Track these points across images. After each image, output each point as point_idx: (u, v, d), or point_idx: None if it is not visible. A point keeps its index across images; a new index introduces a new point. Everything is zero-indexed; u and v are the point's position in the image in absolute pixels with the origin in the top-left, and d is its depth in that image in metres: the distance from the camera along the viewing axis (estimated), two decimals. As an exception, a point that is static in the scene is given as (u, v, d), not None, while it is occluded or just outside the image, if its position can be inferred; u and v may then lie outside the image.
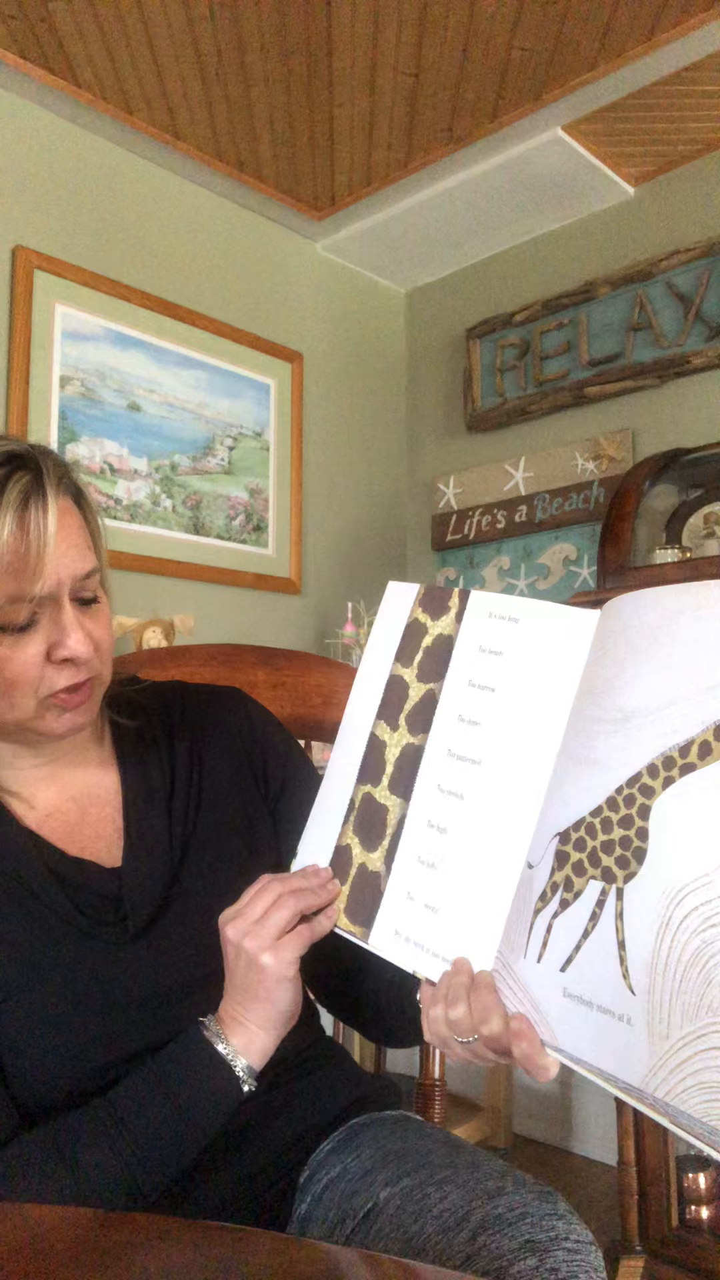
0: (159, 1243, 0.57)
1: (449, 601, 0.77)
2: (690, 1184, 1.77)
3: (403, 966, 0.71)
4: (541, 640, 0.70)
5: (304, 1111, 0.87)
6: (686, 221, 2.55)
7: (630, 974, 0.57)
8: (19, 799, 0.84)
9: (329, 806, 0.82)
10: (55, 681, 0.77)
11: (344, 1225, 0.78)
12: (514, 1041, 0.62)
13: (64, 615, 0.76)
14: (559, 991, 0.61)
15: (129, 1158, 0.71)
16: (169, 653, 1.13)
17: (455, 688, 0.74)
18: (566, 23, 2.05)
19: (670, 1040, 0.54)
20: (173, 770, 0.89)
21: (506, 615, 0.72)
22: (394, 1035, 0.90)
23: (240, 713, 0.95)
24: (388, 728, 0.79)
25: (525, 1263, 0.67)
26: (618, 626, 0.65)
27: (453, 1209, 0.73)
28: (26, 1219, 0.62)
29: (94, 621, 0.80)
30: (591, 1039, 0.58)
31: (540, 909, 0.63)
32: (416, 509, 3.12)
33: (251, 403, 2.73)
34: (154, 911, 0.81)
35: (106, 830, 0.85)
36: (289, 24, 2.07)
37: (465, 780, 0.71)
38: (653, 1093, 0.54)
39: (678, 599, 0.62)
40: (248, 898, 0.75)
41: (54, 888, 0.79)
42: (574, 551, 2.71)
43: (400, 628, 0.81)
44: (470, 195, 2.67)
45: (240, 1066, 0.74)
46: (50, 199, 2.35)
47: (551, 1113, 2.55)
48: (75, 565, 0.77)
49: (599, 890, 0.60)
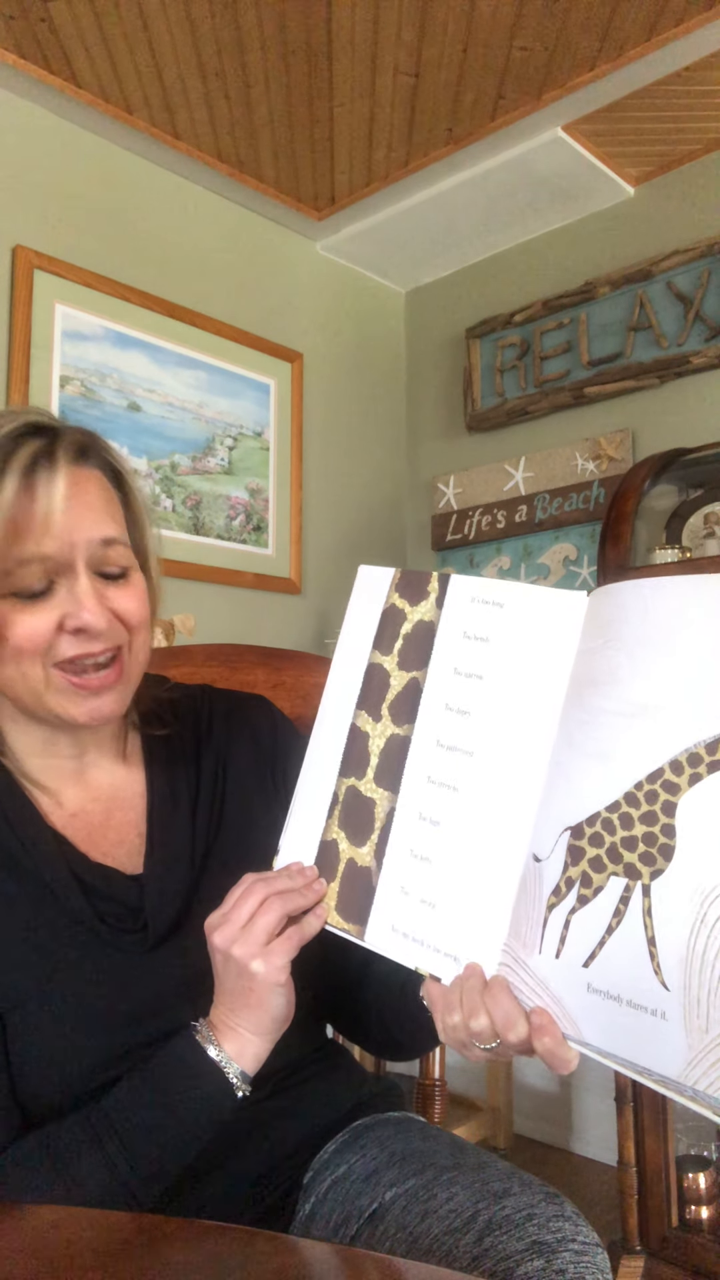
0: (160, 1243, 0.57)
1: (428, 586, 0.75)
2: (690, 1184, 1.77)
3: (404, 964, 0.70)
4: (530, 625, 0.68)
5: (308, 1114, 0.86)
6: (686, 221, 2.55)
7: (663, 970, 0.57)
8: (48, 794, 0.83)
9: (310, 800, 0.79)
10: (65, 650, 0.75)
11: (349, 1226, 0.77)
12: (536, 1037, 0.61)
13: (79, 584, 0.74)
14: (583, 987, 0.61)
15: (120, 1163, 0.70)
16: (169, 653, 1.13)
17: (440, 676, 0.72)
18: (566, 23, 2.05)
19: (710, 1034, 0.55)
20: (198, 779, 0.88)
21: (491, 600, 0.71)
22: (400, 1045, 0.89)
23: (267, 723, 0.94)
24: (369, 718, 0.77)
25: (532, 1264, 0.66)
26: (618, 615, 0.64)
27: (459, 1210, 0.72)
28: (27, 1219, 0.61)
29: (121, 594, 0.78)
30: (622, 1033, 0.58)
31: (555, 904, 0.63)
32: (416, 509, 3.11)
33: (251, 403, 2.72)
34: (174, 921, 0.80)
35: (129, 836, 0.84)
36: (289, 24, 2.07)
37: (458, 771, 0.70)
38: (692, 1085, 0.55)
39: (692, 592, 0.61)
40: (232, 901, 0.73)
41: (77, 894, 0.77)
42: (574, 551, 2.71)
43: (377, 614, 0.78)
44: (470, 195, 2.67)
45: (233, 1072, 0.73)
46: (50, 199, 2.35)
47: (551, 1113, 2.55)
48: (90, 530, 0.75)
49: (622, 886, 0.60)
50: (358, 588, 0.80)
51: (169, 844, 0.83)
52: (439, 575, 0.75)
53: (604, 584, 2.03)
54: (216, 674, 1.12)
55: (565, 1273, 0.66)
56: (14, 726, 0.82)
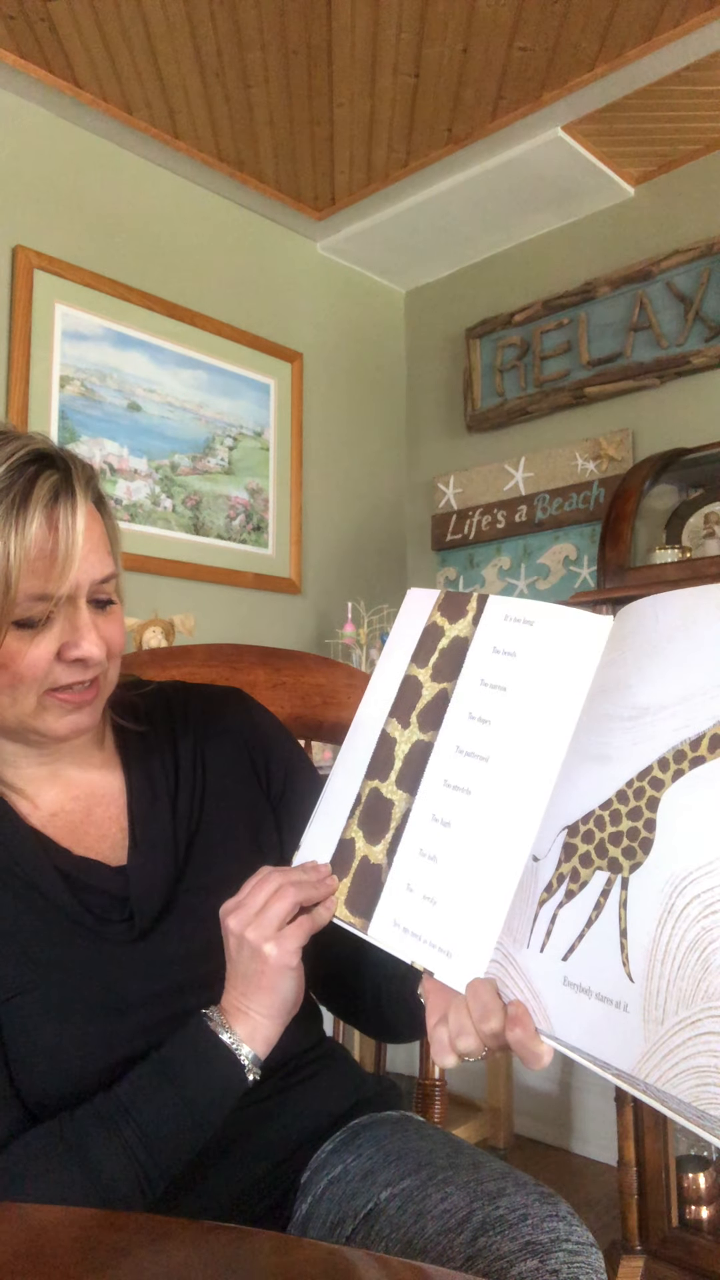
0: (159, 1243, 0.57)
1: (467, 605, 0.79)
2: (690, 1184, 1.77)
3: (401, 957, 0.72)
4: (555, 642, 0.71)
5: (306, 1114, 0.87)
6: (686, 221, 2.55)
7: (630, 961, 0.58)
8: (23, 796, 0.84)
9: (335, 801, 0.82)
10: (60, 678, 0.77)
11: (344, 1225, 0.78)
12: (509, 1028, 0.62)
13: (80, 616, 0.77)
14: (559, 980, 0.61)
15: (137, 1150, 0.71)
16: (169, 653, 1.13)
17: (468, 686, 0.75)
18: (566, 23, 2.05)
19: (665, 1026, 0.54)
20: (177, 770, 0.89)
21: (522, 618, 0.74)
22: (393, 1028, 0.90)
23: (243, 713, 0.96)
24: (399, 725, 0.80)
25: (526, 1264, 0.67)
26: (636, 628, 0.66)
27: (454, 1210, 0.73)
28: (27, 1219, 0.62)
29: (107, 623, 0.80)
30: (587, 1026, 0.59)
31: (545, 900, 0.64)
32: (416, 509, 3.12)
33: (251, 403, 2.73)
34: (160, 910, 0.81)
35: (111, 830, 0.85)
36: (289, 24, 2.07)
37: (473, 776, 0.72)
38: (644, 1078, 0.54)
39: (696, 601, 0.62)
40: (248, 889, 0.76)
41: (61, 887, 0.79)
42: (574, 551, 2.71)
43: (419, 631, 0.82)
44: (470, 195, 2.67)
45: (245, 1055, 0.74)
46: (50, 199, 2.35)
47: (551, 1113, 2.55)
48: (96, 569, 0.78)
49: (604, 880, 0.61)
50: (404, 607, 0.85)
51: (151, 834, 0.84)
52: (478, 595, 0.78)
53: (604, 584, 2.04)
54: (217, 674, 1.13)
55: (559, 1273, 0.67)
56: None
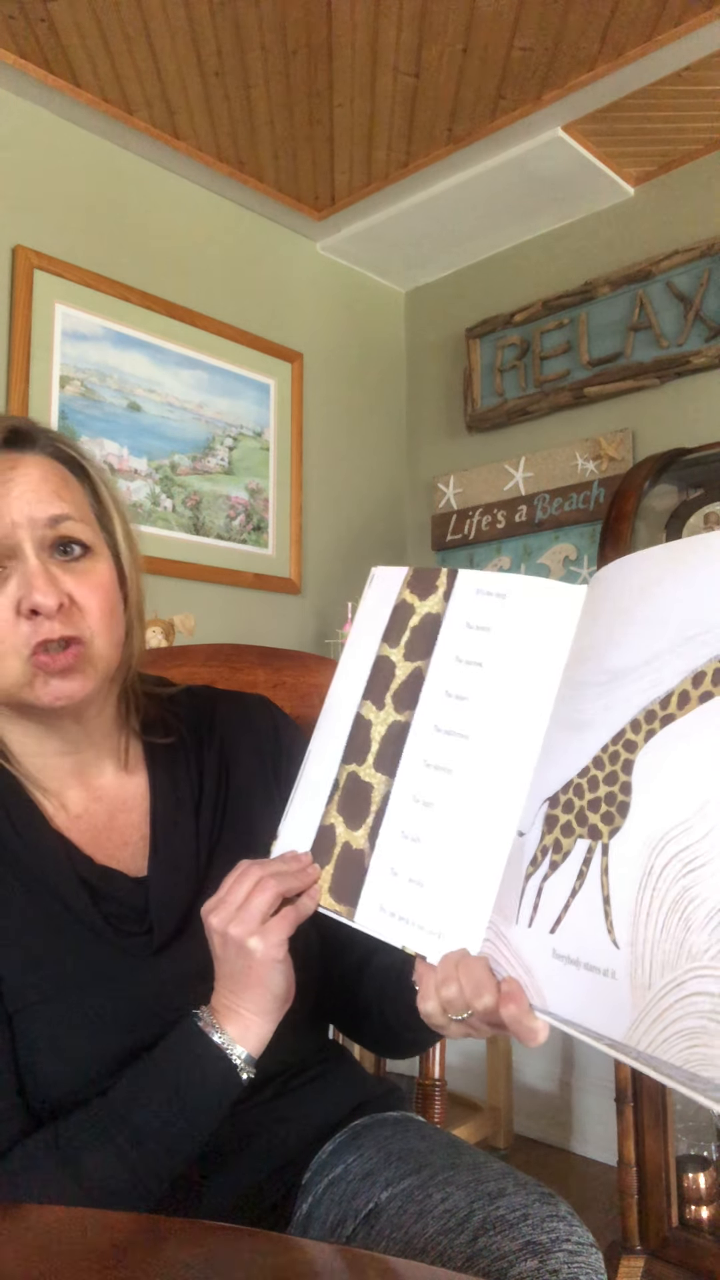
0: (159, 1243, 0.57)
1: (437, 581, 0.76)
2: (690, 1184, 1.77)
3: (391, 943, 0.70)
4: (529, 615, 0.69)
5: (308, 1116, 0.86)
6: (686, 221, 2.55)
7: (615, 928, 0.57)
8: (51, 797, 0.83)
9: (312, 788, 0.80)
10: (28, 636, 0.74)
11: (345, 1226, 0.77)
12: (503, 1004, 0.61)
13: (28, 565, 0.75)
14: (549, 954, 0.60)
15: (131, 1156, 0.70)
16: (169, 653, 1.13)
17: (443, 664, 0.73)
18: (566, 23, 2.05)
19: (652, 990, 0.53)
20: (201, 780, 0.88)
21: (494, 591, 0.72)
22: (399, 1039, 0.88)
23: (268, 722, 0.94)
24: (374, 707, 0.78)
25: (526, 1264, 0.67)
26: (605, 593, 0.65)
27: (454, 1210, 0.73)
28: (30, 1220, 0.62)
29: (78, 580, 0.77)
30: (578, 997, 0.58)
31: (531, 874, 0.63)
32: (416, 509, 3.12)
33: (251, 403, 2.72)
34: (179, 924, 0.80)
35: (133, 838, 0.84)
36: (289, 24, 2.07)
37: (453, 754, 0.70)
38: (636, 1045, 0.53)
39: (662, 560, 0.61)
40: (228, 885, 0.74)
41: (84, 898, 0.78)
42: (574, 551, 2.71)
43: (388, 610, 0.79)
44: (470, 195, 2.67)
45: (238, 1055, 0.73)
46: (50, 199, 2.35)
47: (551, 1113, 2.55)
48: (33, 508, 0.75)
49: (585, 848, 0.60)
50: (370, 586, 0.82)
51: (172, 846, 0.83)
52: (448, 571, 0.76)
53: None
54: (216, 674, 1.13)
55: (559, 1273, 0.66)
56: (8, 725, 0.82)
